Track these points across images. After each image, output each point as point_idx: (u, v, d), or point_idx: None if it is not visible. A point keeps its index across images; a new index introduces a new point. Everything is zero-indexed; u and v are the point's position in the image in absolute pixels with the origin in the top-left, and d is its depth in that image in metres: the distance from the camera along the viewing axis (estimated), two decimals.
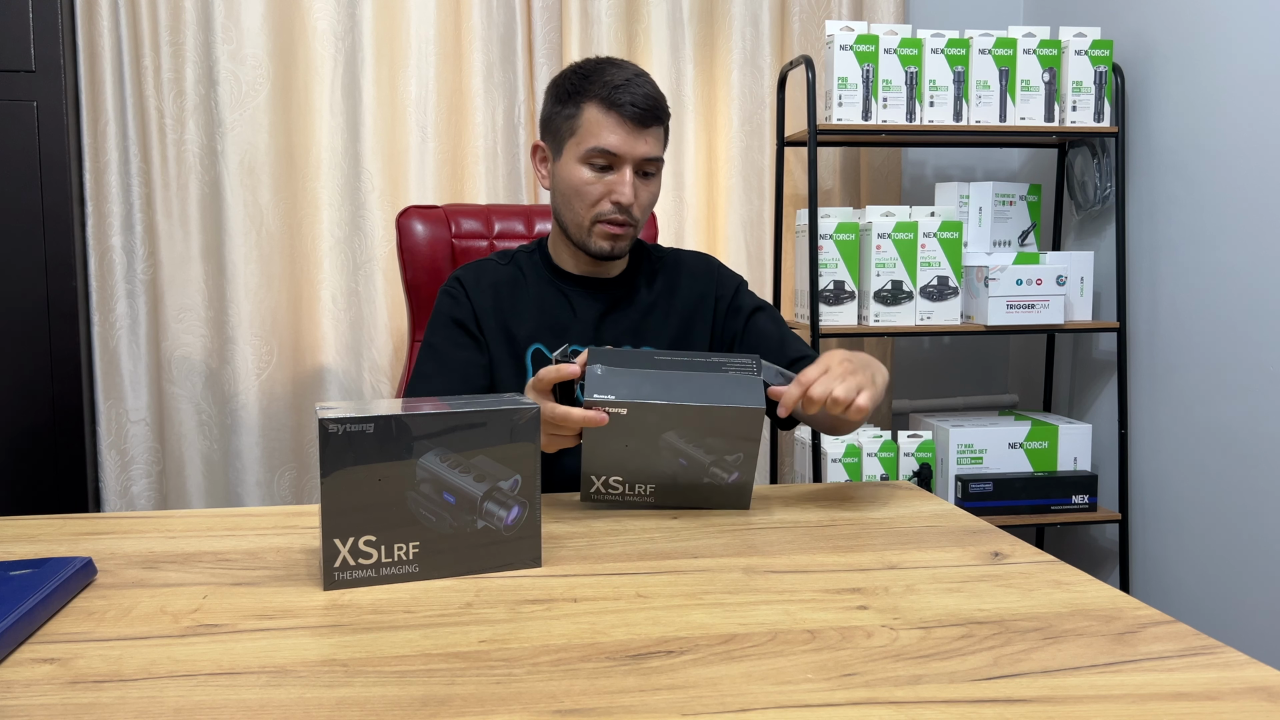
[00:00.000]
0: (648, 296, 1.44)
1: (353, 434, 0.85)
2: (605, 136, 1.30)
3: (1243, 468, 1.96)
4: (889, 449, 2.17)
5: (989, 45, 2.15)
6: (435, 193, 2.24)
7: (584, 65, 1.35)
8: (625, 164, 1.31)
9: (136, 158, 2.15)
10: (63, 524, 1.09)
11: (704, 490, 1.11)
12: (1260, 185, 1.90)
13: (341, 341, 2.25)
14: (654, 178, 1.36)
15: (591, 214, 1.33)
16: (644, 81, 1.32)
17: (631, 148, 1.31)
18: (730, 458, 1.09)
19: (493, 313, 1.39)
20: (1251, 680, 0.69)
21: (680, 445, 1.08)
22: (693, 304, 1.45)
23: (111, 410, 2.18)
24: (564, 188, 1.35)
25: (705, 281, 1.47)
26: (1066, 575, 0.91)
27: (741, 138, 2.37)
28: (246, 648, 0.74)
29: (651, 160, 1.33)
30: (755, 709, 0.64)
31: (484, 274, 1.43)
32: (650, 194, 1.36)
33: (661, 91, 1.35)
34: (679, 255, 1.50)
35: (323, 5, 2.19)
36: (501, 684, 0.68)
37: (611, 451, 1.08)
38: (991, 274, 2.12)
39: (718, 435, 1.07)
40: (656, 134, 1.34)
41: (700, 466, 1.09)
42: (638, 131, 1.31)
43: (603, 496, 1.12)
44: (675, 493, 1.11)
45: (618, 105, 1.30)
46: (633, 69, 1.34)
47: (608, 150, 1.30)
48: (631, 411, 1.05)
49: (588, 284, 1.42)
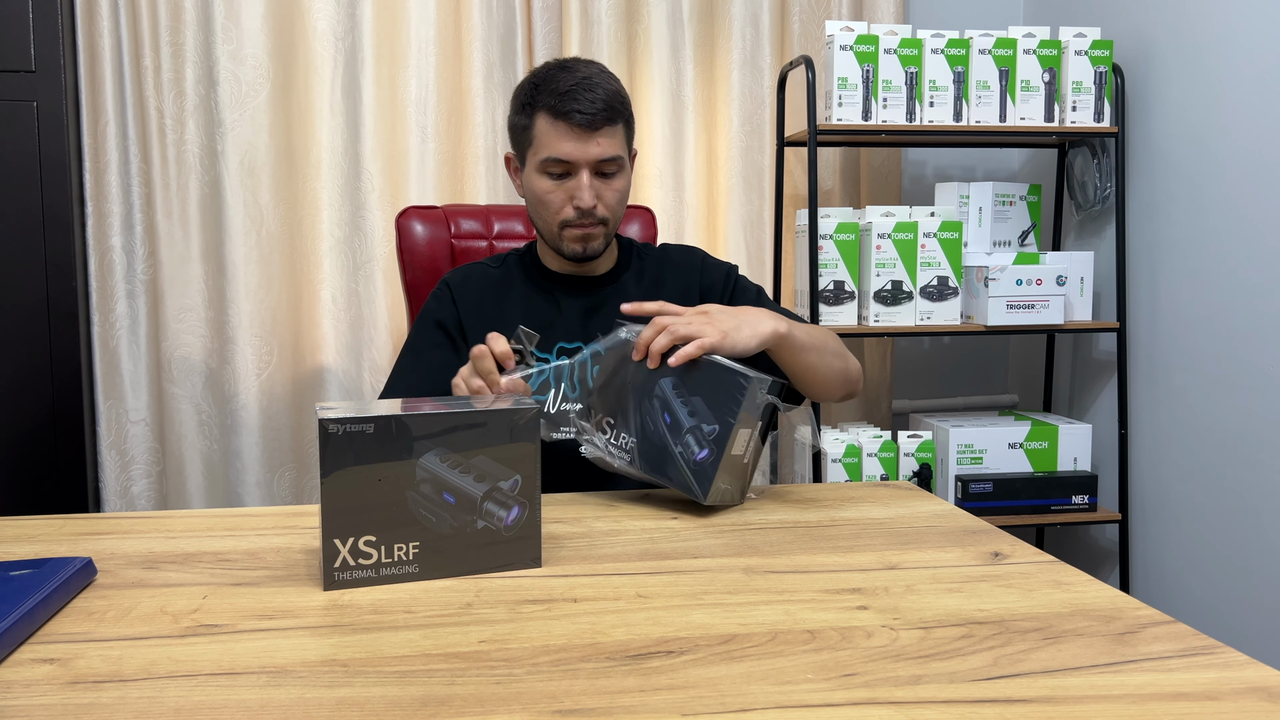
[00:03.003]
0: (635, 293, 1.45)
1: (353, 434, 0.85)
2: (557, 145, 1.31)
3: (1243, 468, 1.96)
4: (889, 449, 2.17)
5: (989, 45, 2.15)
6: (435, 193, 2.24)
7: (536, 72, 1.35)
8: (581, 169, 1.32)
9: (136, 158, 2.15)
10: (63, 524, 1.09)
11: (674, 462, 1.10)
12: (1260, 185, 1.90)
13: (341, 341, 2.25)
14: (618, 175, 1.36)
15: (558, 220, 1.35)
16: (593, 84, 1.32)
17: (584, 153, 1.31)
18: (707, 428, 1.08)
19: (478, 315, 1.41)
20: (1251, 680, 0.69)
21: (670, 398, 1.09)
22: (678, 297, 1.44)
23: (111, 410, 2.18)
24: (530, 198, 1.38)
25: (689, 273, 1.47)
26: (1066, 575, 0.91)
27: (741, 138, 2.37)
28: (246, 648, 0.74)
29: (609, 160, 1.33)
30: (755, 709, 0.64)
31: (472, 277, 1.45)
32: (615, 191, 1.36)
33: (617, 87, 1.34)
34: (666, 250, 1.51)
35: (323, 5, 2.19)
36: (501, 684, 0.68)
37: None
38: (991, 274, 2.12)
39: (705, 391, 1.08)
40: (611, 134, 1.33)
41: (679, 429, 1.09)
42: (588, 136, 1.31)
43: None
44: (651, 455, 1.11)
45: (564, 114, 1.30)
46: (583, 71, 1.33)
47: (561, 159, 1.32)
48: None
49: (574, 283, 1.44)
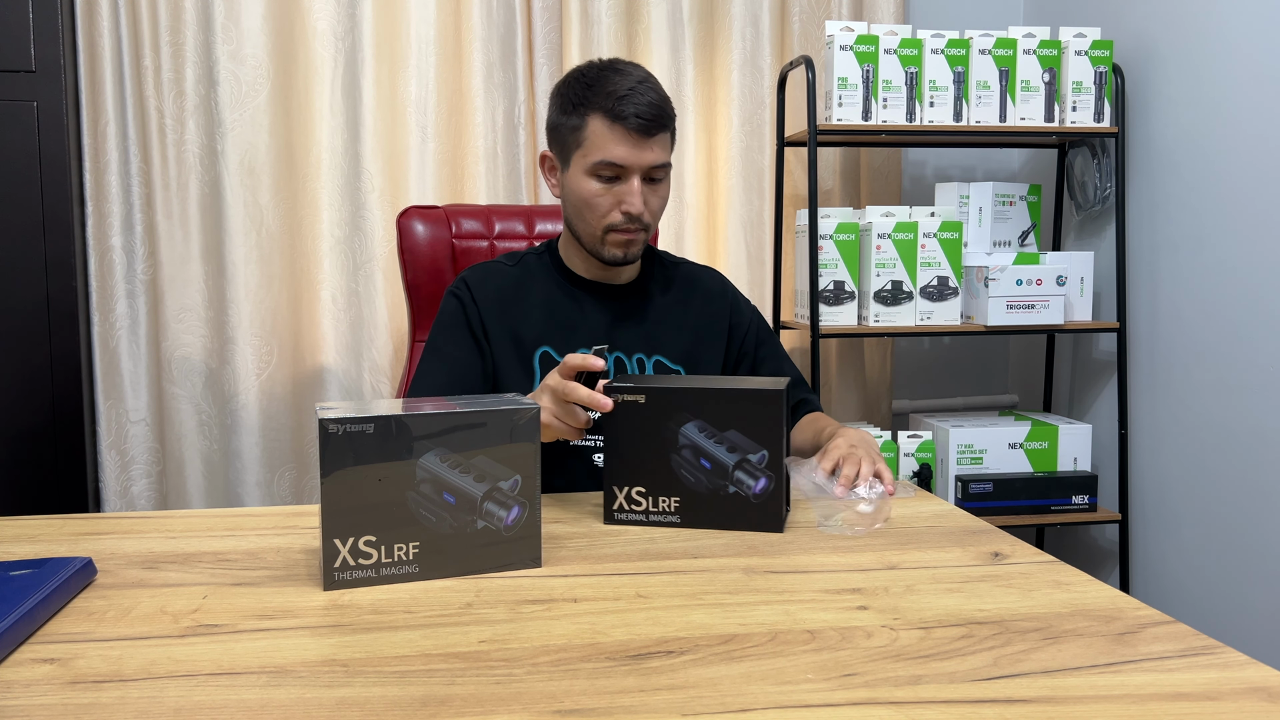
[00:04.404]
0: (660, 306, 1.44)
1: (353, 434, 0.85)
2: (612, 149, 1.29)
3: (1243, 468, 1.95)
4: (889, 449, 2.17)
5: (989, 45, 2.15)
6: (435, 193, 2.24)
7: (588, 72, 1.32)
8: (633, 174, 1.30)
9: (136, 158, 2.15)
10: (63, 524, 1.09)
11: (730, 504, 1.06)
12: (1260, 185, 1.90)
13: (341, 341, 2.25)
14: (662, 182, 1.35)
15: (603, 224, 1.32)
16: (648, 89, 1.30)
17: (639, 158, 1.29)
18: (754, 457, 1.05)
19: (498, 316, 1.38)
20: (1251, 680, 0.69)
21: (701, 442, 1.06)
22: (707, 321, 1.45)
23: (111, 410, 2.18)
24: (574, 199, 1.34)
25: (720, 301, 1.48)
26: (1066, 575, 0.91)
27: (741, 138, 2.37)
28: (246, 648, 0.74)
29: (659, 167, 1.32)
30: (755, 709, 0.64)
31: (490, 276, 1.42)
32: (660, 199, 1.35)
33: (665, 93, 1.34)
34: (693, 269, 1.51)
35: (323, 5, 2.19)
36: (501, 684, 0.68)
37: (632, 449, 1.07)
38: (991, 274, 2.12)
39: (739, 424, 1.05)
40: (663, 140, 1.32)
41: (723, 469, 1.06)
42: (644, 142, 1.29)
43: (626, 514, 1.09)
44: (700, 506, 1.07)
45: (623, 118, 1.27)
46: (637, 75, 1.31)
47: (615, 163, 1.29)
48: (650, 399, 1.04)
49: (599, 289, 1.42)
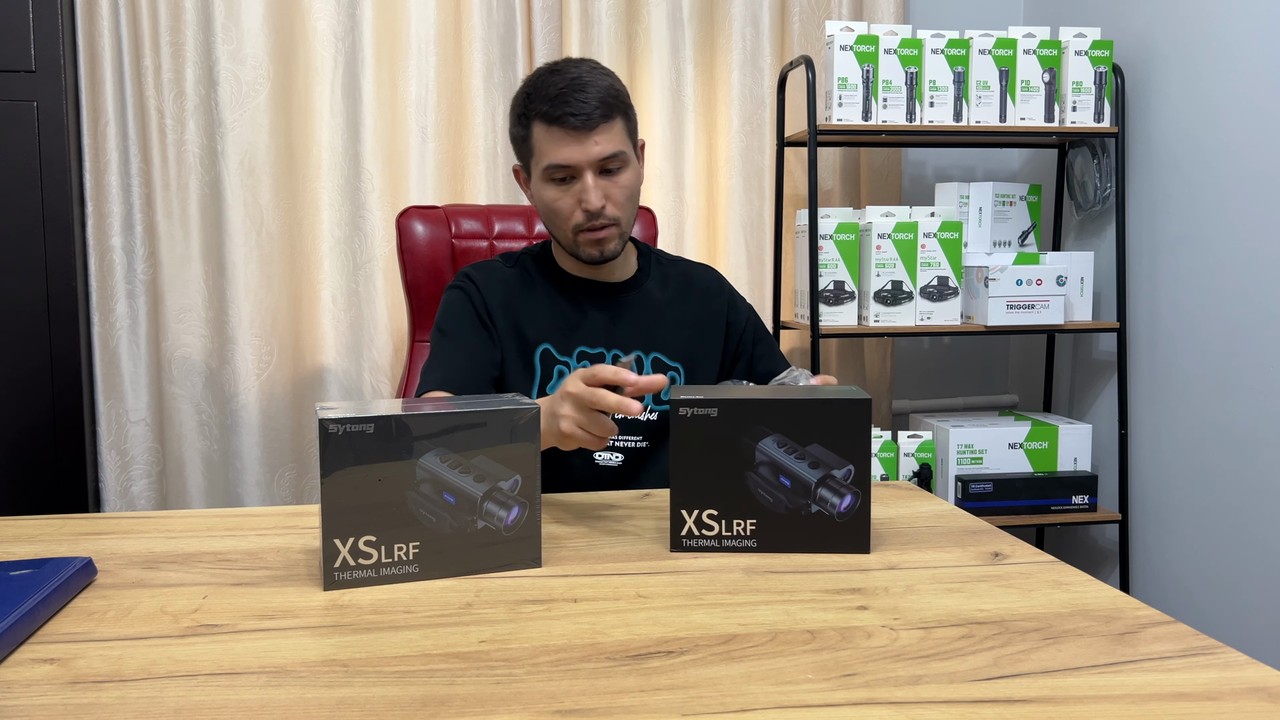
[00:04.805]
0: (658, 304, 1.44)
1: (353, 434, 0.85)
2: (557, 152, 1.29)
3: (1243, 468, 1.95)
4: (889, 449, 2.17)
5: (989, 45, 2.15)
6: (435, 193, 2.24)
7: (529, 80, 1.33)
8: (584, 171, 1.30)
9: (136, 158, 2.15)
10: (63, 524, 1.09)
11: (813, 524, 0.97)
12: (1260, 185, 1.90)
13: (341, 341, 2.25)
14: (621, 172, 1.33)
15: (571, 226, 1.33)
16: (584, 83, 1.29)
17: (585, 154, 1.29)
18: (840, 473, 0.96)
19: (504, 311, 1.39)
20: (1251, 680, 0.69)
21: (779, 457, 0.96)
22: (705, 318, 1.45)
23: (111, 410, 2.18)
24: (541, 207, 1.36)
25: (718, 299, 1.48)
26: (1066, 575, 0.91)
27: (741, 138, 2.37)
28: (246, 648, 0.74)
29: (611, 157, 1.31)
30: (755, 709, 0.64)
31: (492, 273, 1.43)
32: (622, 189, 1.33)
33: (609, 81, 1.31)
34: (690, 267, 1.51)
35: (323, 5, 2.19)
36: (501, 684, 0.68)
37: (702, 470, 0.96)
38: (991, 274, 2.12)
39: (821, 436, 0.96)
40: (609, 130, 1.30)
41: (805, 487, 0.96)
42: (585, 137, 1.28)
43: (697, 540, 0.98)
44: (779, 528, 0.97)
45: (558, 119, 1.28)
46: (573, 71, 1.30)
47: (562, 164, 1.30)
48: (722, 412, 0.95)
49: (596, 287, 1.42)
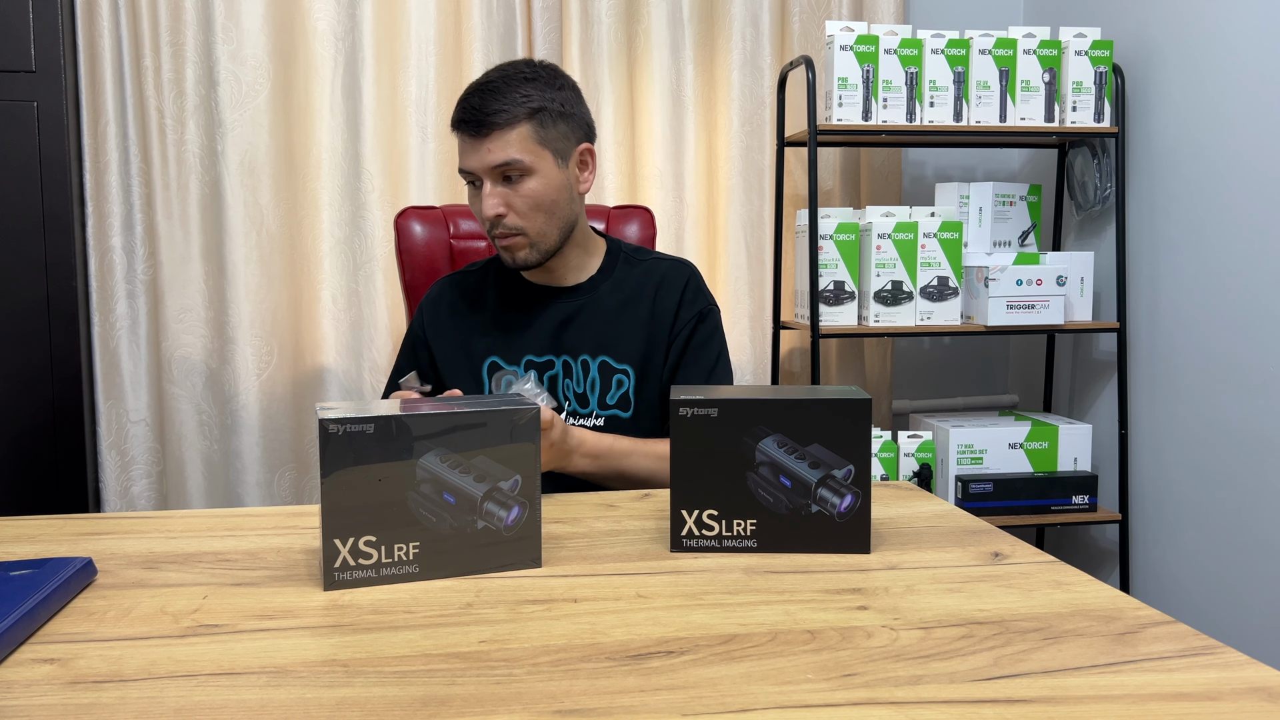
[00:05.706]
0: (613, 306, 1.39)
1: (353, 434, 0.85)
2: (461, 159, 1.30)
3: (1243, 468, 1.95)
4: (889, 449, 2.17)
5: (989, 45, 2.15)
6: (435, 193, 2.24)
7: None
8: (483, 178, 1.29)
9: (136, 158, 2.15)
10: (63, 524, 1.09)
11: (813, 524, 0.97)
12: (1260, 185, 1.90)
13: (341, 342, 2.25)
14: (526, 179, 1.29)
15: (487, 232, 1.34)
16: (491, 87, 1.27)
17: (479, 161, 1.28)
18: (840, 473, 0.96)
19: (449, 331, 1.41)
20: (1251, 680, 0.69)
21: (779, 457, 0.96)
22: (659, 315, 1.39)
23: (111, 410, 2.18)
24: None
25: (672, 296, 1.40)
26: (1066, 575, 0.91)
27: (741, 138, 2.37)
28: (246, 648, 0.74)
29: (507, 165, 1.27)
30: (755, 709, 0.64)
31: (447, 290, 1.44)
32: (525, 197, 1.29)
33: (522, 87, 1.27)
34: (659, 264, 1.44)
35: (323, 5, 2.19)
36: (501, 684, 0.68)
37: (702, 470, 0.96)
38: (991, 274, 2.12)
39: (821, 436, 0.95)
40: (503, 137, 1.26)
41: (805, 487, 0.96)
42: (480, 144, 1.27)
43: (697, 540, 0.98)
44: (779, 529, 0.97)
45: (457, 124, 1.29)
46: (492, 74, 1.30)
47: (465, 170, 1.30)
48: (723, 412, 0.95)
49: (547, 293, 1.40)
